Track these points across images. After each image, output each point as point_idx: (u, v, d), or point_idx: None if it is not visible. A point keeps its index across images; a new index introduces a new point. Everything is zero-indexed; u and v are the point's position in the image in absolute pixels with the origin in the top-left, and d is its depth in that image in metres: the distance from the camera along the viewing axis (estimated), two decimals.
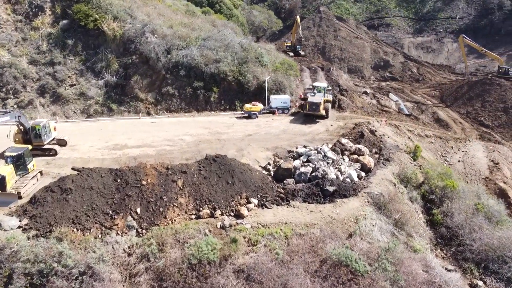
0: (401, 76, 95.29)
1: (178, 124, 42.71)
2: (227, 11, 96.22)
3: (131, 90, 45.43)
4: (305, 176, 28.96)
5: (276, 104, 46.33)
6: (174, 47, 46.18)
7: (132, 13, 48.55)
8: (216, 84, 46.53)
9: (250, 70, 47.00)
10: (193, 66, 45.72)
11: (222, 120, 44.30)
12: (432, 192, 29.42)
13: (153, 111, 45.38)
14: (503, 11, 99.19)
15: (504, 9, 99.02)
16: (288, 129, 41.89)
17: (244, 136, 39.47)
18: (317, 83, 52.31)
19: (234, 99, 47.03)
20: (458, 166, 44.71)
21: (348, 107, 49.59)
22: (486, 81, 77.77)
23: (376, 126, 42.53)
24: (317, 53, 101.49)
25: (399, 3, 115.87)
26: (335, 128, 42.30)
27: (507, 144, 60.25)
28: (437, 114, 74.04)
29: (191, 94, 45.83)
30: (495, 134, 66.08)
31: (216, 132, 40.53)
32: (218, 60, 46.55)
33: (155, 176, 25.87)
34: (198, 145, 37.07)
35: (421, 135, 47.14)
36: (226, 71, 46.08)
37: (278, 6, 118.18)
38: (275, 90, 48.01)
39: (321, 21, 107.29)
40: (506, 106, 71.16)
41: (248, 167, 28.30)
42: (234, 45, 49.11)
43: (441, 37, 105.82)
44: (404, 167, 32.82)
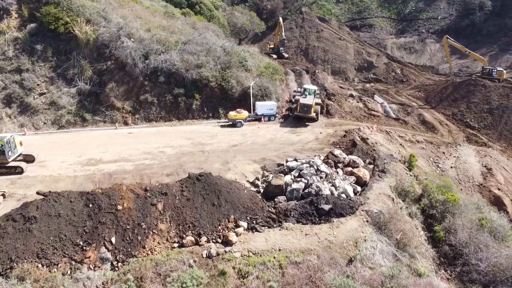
0: (385, 77, 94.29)
1: (158, 135, 39.89)
2: (208, 12, 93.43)
3: (106, 98, 42.32)
4: (298, 193, 26.68)
5: (262, 111, 44.01)
6: (152, 52, 43.31)
7: (107, 15, 45.42)
8: (198, 90, 43.90)
9: (234, 75, 44.55)
10: (173, 72, 42.97)
11: (205, 129, 41.69)
12: (433, 207, 27.55)
13: (131, 120, 42.40)
14: (484, 11, 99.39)
15: (485, 10, 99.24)
16: (275, 138, 39.59)
17: (229, 147, 36.98)
18: (308, 86, 50.61)
19: (217, 106, 44.46)
20: (451, 173, 43.29)
21: (336, 113, 47.67)
22: (470, 82, 77.30)
23: (367, 133, 40.68)
24: (300, 55, 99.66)
25: (381, 3, 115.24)
26: (325, 136, 40.23)
27: (494, 146, 59.68)
28: (423, 116, 73.14)
29: (172, 101, 43.06)
30: (481, 136, 65.45)
31: (199, 143, 37.91)
32: (200, 65, 43.93)
33: (132, 199, 23.12)
34: (180, 158, 34.39)
35: (412, 140, 45.59)
36: (208, 77, 43.49)
37: (260, 7, 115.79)
38: (260, 96, 45.68)
39: (303, 22, 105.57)
40: (491, 107, 70.67)
41: (236, 185, 25.81)
42: (216, 49, 46.54)
43: (423, 37, 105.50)
44: (401, 179, 30.92)
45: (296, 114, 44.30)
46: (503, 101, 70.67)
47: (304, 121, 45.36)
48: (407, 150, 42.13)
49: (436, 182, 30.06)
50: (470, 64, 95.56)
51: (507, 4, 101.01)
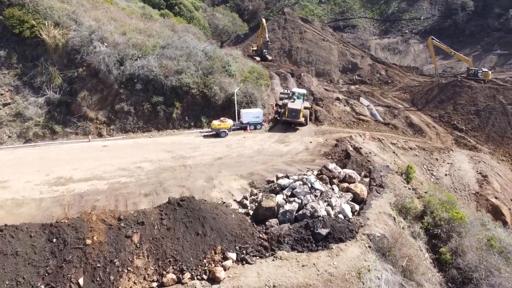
0: (370, 78, 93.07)
1: (135, 147, 36.71)
2: (188, 13, 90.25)
3: (78, 108, 38.86)
4: (291, 215, 24.07)
5: (248, 119, 41.32)
6: (128, 57, 40.07)
7: (77, 18, 41.89)
8: (178, 98, 40.90)
9: (217, 81, 41.71)
10: (151, 78, 39.84)
11: (187, 140, 38.71)
12: (437, 226, 25.35)
13: (106, 132, 39.08)
14: (466, 11, 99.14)
15: (467, 10, 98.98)
16: (263, 149, 36.93)
17: (214, 160, 34.13)
18: (296, 89, 48.54)
19: (199, 115, 41.54)
20: (446, 181, 41.52)
21: (325, 119, 45.36)
22: (456, 83, 76.50)
23: (359, 142, 38.46)
24: (283, 56, 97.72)
25: (364, 4, 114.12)
26: (315, 145, 37.80)
27: (484, 149, 58.58)
28: (410, 119, 71.95)
29: (150, 110, 39.91)
30: (469, 138, 64.58)
31: (181, 156, 34.93)
32: (180, 71, 40.91)
33: (103, 231, 20.07)
34: (160, 174, 31.35)
35: (405, 147, 43.63)
36: (189, 84, 40.52)
37: (241, 8, 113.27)
38: (245, 103, 42.96)
39: (286, 23, 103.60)
40: (478, 109, 69.90)
41: (222, 209, 23.00)
42: (197, 53, 43.58)
43: (407, 38, 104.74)
44: (400, 193, 28.72)
45: (285, 119, 42.95)
46: (490, 102, 69.92)
47: (292, 126, 43.75)
48: (401, 159, 40.17)
49: (438, 196, 27.92)
50: (455, 65, 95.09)
51: (489, 4, 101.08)
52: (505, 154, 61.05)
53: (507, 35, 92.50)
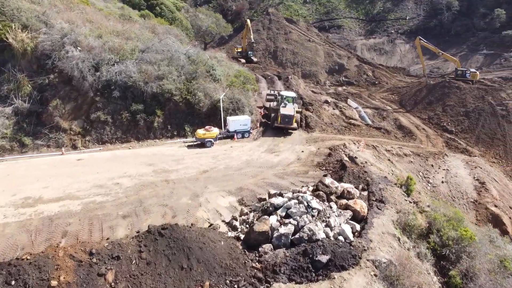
0: (357, 80, 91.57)
1: (113, 161, 33.73)
2: (169, 14, 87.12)
3: (50, 118, 35.63)
4: (287, 239, 21.61)
5: (235, 127, 38.75)
6: (104, 62, 37.00)
7: (48, 20, 38.61)
8: (159, 106, 38.05)
9: (201, 87, 39.00)
10: (129, 85, 36.89)
11: (170, 151, 35.91)
12: (444, 246, 23.25)
13: (81, 143, 35.96)
14: (451, 11, 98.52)
15: (452, 10, 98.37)
16: (252, 159, 34.42)
17: (199, 174, 31.46)
18: (285, 93, 46.48)
19: (183, 123, 38.77)
20: (443, 189, 39.77)
21: (317, 126, 43.12)
22: (444, 84, 75.47)
23: (354, 150, 36.32)
24: (269, 58, 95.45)
25: (349, 4, 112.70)
26: (308, 155, 35.47)
27: (475, 152, 57.40)
28: (399, 121, 70.57)
29: (129, 119, 36.96)
30: (459, 141, 63.41)
31: (163, 170, 32.14)
32: (161, 76, 38.05)
33: (71, 269, 17.27)
34: (140, 191, 28.55)
35: (400, 154, 41.74)
36: (171, 90, 37.70)
37: (224, 8, 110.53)
38: (231, 110, 40.37)
39: (270, 23, 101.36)
40: (467, 110, 68.88)
41: (210, 235, 20.37)
42: (179, 57, 40.75)
43: (393, 38, 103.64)
44: (401, 208, 26.59)
45: (277, 125, 41.58)
46: (479, 103, 69.00)
47: (283, 131, 42.09)
48: (397, 167, 38.23)
49: (442, 211, 25.87)
50: (441, 65, 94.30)
51: (473, 4, 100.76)
52: (495, 156, 60.03)
53: (492, 35, 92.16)
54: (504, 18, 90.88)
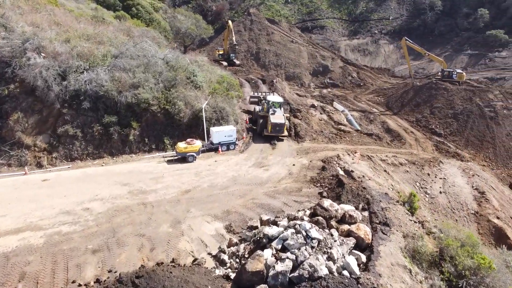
0: (342, 81, 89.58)
1: (83, 181, 30.02)
2: (146, 15, 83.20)
3: (10, 133, 31.64)
4: (284, 278, 18.54)
5: (219, 138, 35.51)
6: (72, 70, 33.21)
7: (8, 23, 34.58)
8: (135, 117, 34.50)
9: (181, 95, 35.59)
10: (101, 95, 33.21)
11: (147, 167, 32.39)
12: (460, 276, 20.63)
13: (47, 161, 32.11)
14: (435, 11, 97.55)
15: (435, 10, 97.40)
16: (239, 176, 31.26)
17: (180, 195, 28.14)
18: (272, 97, 43.77)
19: (162, 136, 35.30)
20: (441, 200, 37.52)
21: (307, 135, 40.28)
22: (431, 86, 74.09)
23: (349, 162, 33.60)
24: (251, 59, 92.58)
25: (331, 4, 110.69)
26: (300, 169, 32.55)
27: (466, 156, 55.86)
28: (387, 124, 68.80)
29: (101, 133, 33.28)
30: (449, 144, 61.92)
31: (140, 190, 28.68)
32: (136, 84, 34.50)
33: None
34: (113, 218, 25.06)
35: (395, 163, 39.33)
36: (148, 99, 34.19)
37: (204, 8, 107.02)
38: (215, 120, 37.12)
39: (252, 24, 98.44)
40: (456, 112, 67.58)
41: (195, 281, 17.11)
42: (157, 63, 37.23)
43: (376, 38, 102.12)
44: (407, 231, 23.94)
45: (267, 134, 39.49)
46: (467, 105, 67.78)
47: (273, 138, 39.72)
48: (394, 178, 35.73)
49: (454, 234, 23.30)
50: (426, 66, 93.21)
51: (456, 4, 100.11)
52: (485, 159, 58.71)
53: (476, 35, 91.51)
54: (488, 18, 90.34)
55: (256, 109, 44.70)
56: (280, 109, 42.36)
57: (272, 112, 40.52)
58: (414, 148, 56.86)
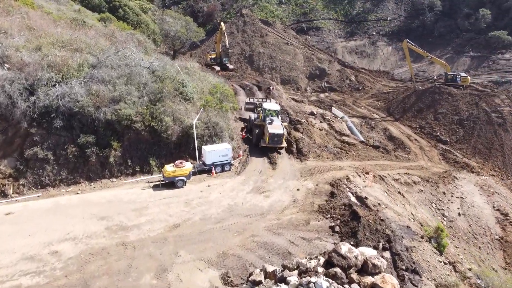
0: (340, 85, 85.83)
1: (54, 213, 25.62)
2: (134, 17, 78.49)
3: None
4: None
5: (212, 159, 31.27)
6: (42, 83, 28.70)
7: None
8: (116, 136, 30.11)
9: (168, 110, 31.26)
10: (75, 111, 28.77)
11: (130, 195, 28.01)
12: None
13: (12, 189, 27.63)
14: (434, 11, 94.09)
15: (435, 10, 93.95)
16: (235, 204, 27.07)
17: (167, 231, 23.90)
18: (268, 105, 40.47)
19: (147, 156, 30.96)
20: (461, 223, 33.70)
21: (310, 151, 36.19)
22: (435, 90, 70.51)
23: (360, 186, 29.61)
24: (244, 63, 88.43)
25: (327, 4, 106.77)
26: (305, 194, 28.46)
27: (474, 165, 52.47)
28: (389, 131, 65.23)
29: (77, 155, 28.83)
30: (455, 152, 58.45)
31: (119, 226, 24.38)
32: (117, 98, 30.11)
33: None
34: (86, 265, 20.77)
35: (409, 182, 35.46)
36: (130, 116, 29.81)
37: (195, 9, 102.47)
38: (207, 137, 32.85)
39: (245, 25, 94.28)
40: (461, 118, 64.10)
41: None
42: (141, 73, 32.86)
43: (374, 40, 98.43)
44: (438, 277, 20.02)
45: (265, 145, 36.32)
46: (473, 110, 64.33)
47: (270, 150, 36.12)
48: (410, 202, 31.82)
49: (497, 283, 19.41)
50: (426, 68, 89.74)
51: (456, 4, 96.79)
52: (494, 168, 55.24)
53: (478, 36, 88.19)
54: (490, 19, 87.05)
55: (252, 117, 41.51)
56: (278, 117, 39.40)
57: (269, 122, 37.55)
58: (419, 158, 53.34)
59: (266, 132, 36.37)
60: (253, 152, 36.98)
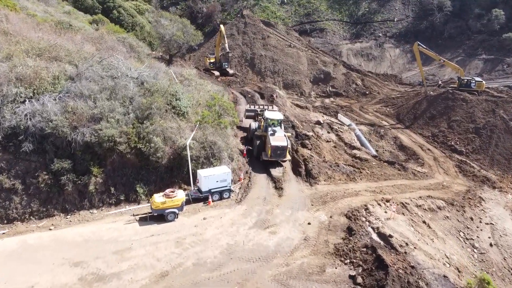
0: (346, 90, 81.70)
1: (18, 258, 21.33)
2: (129, 18, 74.53)
3: None
4: None
5: (209, 185, 26.97)
6: (8, 100, 24.41)
7: None
8: (97, 160, 25.83)
9: (158, 129, 26.95)
10: (48, 132, 24.54)
11: (111, 232, 23.72)
12: None
13: None
14: (443, 12, 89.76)
15: (444, 10, 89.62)
16: (236, 244, 22.76)
17: (153, 282, 19.61)
18: (270, 114, 36.76)
19: (133, 183, 26.68)
20: (494, 256, 29.40)
21: (320, 172, 31.86)
22: (448, 96, 66.23)
23: (382, 218, 25.31)
24: (245, 66, 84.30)
25: (331, 5, 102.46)
26: (318, 230, 24.17)
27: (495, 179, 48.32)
28: (400, 140, 60.98)
29: (50, 184, 24.58)
30: (472, 163, 54.22)
31: (96, 275, 20.10)
32: (98, 116, 25.82)
33: None
34: None
35: (432, 208, 31.15)
36: (113, 136, 25.52)
37: (194, 10, 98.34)
38: (204, 159, 28.52)
39: (246, 27, 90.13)
40: (477, 127, 59.85)
41: None
42: (127, 85, 28.59)
43: (381, 42, 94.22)
44: None
45: (267, 159, 33.46)
46: (490, 118, 60.08)
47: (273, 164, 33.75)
48: (438, 233, 27.53)
49: None
50: (437, 72, 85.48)
51: (466, 4, 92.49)
52: None
53: (490, 38, 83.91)
54: (503, 19, 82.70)
55: (252, 126, 38.08)
56: (281, 127, 36.05)
57: (271, 132, 34.14)
58: (434, 170, 49.23)
59: (268, 144, 33.12)
60: (254, 166, 33.81)
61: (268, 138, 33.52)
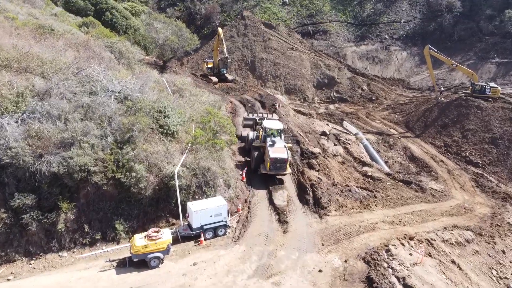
0: (351, 95, 77.72)
1: None
2: (122, 21, 70.47)
3: None
4: None
5: (201, 221, 22.81)
6: None
7: None
8: (68, 194, 21.70)
9: (141, 154, 22.88)
10: (7, 163, 20.47)
11: (82, 282, 19.58)
12: None
13: None
14: (453, 13, 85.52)
15: (454, 11, 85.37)
16: None
17: None
18: (270, 123, 33.86)
19: (111, 219, 22.53)
20: None
21: (331, 200, 27.66)
22: (461, 103, 62.15)
23: (407, 262, 21.16)
24: (245, 70, 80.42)
25: (335, 5, 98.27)
26: (330, 279, 19.99)
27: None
28: (411, 150, 57.06)
29: (10, 223, 20.48)
30: (489, 176, 50.19)
31: None
32: (68, 141, 21.71)
33: None
34: None
35: (460, 242, 26.99)
36: (87, 165, 21.40)
37: (192, 12, 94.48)
38: (196, 188, 24.32)
39: (246, 29, 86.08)
40: (494, 136, 55.82)
41: None
42: (105, 102, 24.50)
43: (387, 44, 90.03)
44: None
45: (265, 173, 31.23)
46: (507, 127, 56.09)
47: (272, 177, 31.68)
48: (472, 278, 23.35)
49: None
50: (447, 76, 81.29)
51: (477, 5, 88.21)
52: None
53: (503, 40, 79.63)
54: None
55: (250, 136, 35.27)
56: (281, 138, 33.18)
57: (270, 143, 31.54)
58: (449, 184, 45.46)
59: (267, 156, 30.66)
60: (253, 181, 31.13)
61: (267, 149, 31.10)
